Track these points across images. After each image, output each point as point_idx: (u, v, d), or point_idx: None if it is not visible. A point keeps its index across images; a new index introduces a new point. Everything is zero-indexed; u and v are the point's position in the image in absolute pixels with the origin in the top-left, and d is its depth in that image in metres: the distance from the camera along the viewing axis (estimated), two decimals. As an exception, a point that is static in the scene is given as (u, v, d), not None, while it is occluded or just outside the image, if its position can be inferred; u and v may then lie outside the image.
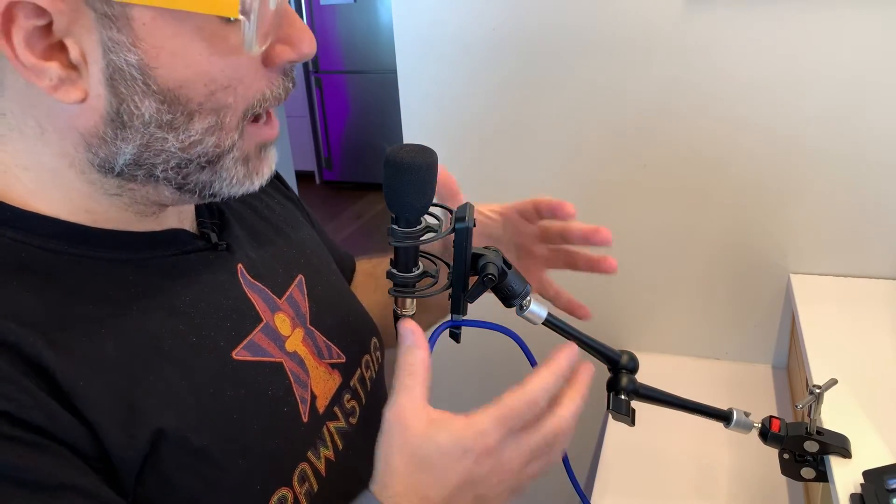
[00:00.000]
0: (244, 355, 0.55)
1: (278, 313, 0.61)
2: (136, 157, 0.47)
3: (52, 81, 0.43)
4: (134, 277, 0.52)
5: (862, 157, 1.02)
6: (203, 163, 0.49)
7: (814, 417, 0.69)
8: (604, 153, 1.13)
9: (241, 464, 0.51)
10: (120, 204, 0.51)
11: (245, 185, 0.53)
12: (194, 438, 0.49)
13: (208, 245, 0.59)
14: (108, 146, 0.47)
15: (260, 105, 0.50)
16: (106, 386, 0.45)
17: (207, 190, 0.51)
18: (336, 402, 0.63)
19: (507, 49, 1.11)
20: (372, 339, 0.73)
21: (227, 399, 0.52)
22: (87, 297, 0.48)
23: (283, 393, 0.57)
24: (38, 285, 0.46)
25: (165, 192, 0.51)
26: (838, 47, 0.97)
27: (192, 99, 0.46)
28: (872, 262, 1.07)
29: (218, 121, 0.48)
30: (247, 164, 0.52)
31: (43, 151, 0.48)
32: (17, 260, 0.47)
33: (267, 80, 0.50)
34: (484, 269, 0.59)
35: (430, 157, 0.54)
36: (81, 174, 0.49)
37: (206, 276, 0.57)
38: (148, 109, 0.45)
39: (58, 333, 0.45)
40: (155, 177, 0.49)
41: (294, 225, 0.72)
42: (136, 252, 0.53)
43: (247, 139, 0.51)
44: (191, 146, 0.48)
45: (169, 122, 0.46)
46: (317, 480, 0.57)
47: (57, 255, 0.48)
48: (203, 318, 0.54)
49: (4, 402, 0.40)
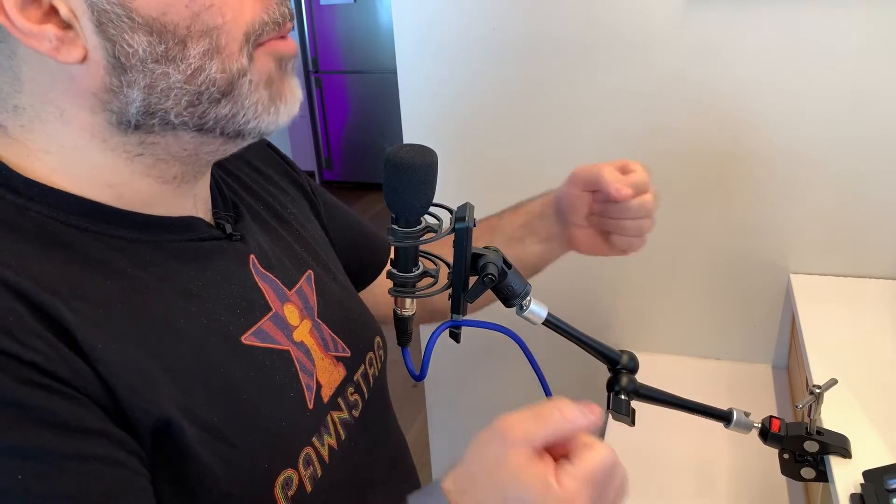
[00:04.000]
0: (252, 341, 0.57)
1: (287, 304, 0.62)
2: (146, 102, 0.49)
3: (51, 43, 0.46)
4: (150, 257, 0.53)
5: (862, 156, 1.02)
6: (215, 94, 0.50)
7: (814, 417, 0.69)
8: (604, 153, 1.13)
9: (248, 442, 0.52)
10: (142, 167, 0.53)
11: (272, 115, 0.53)
12: (204, 414, 0.50)
13: (223, 235, 0.60)
14: (118, 97, 0.49)
15: (262, 29, 0.51)
16: (122, 353, 0.47)
17: (231, 125, 0.52)
18: (340, 394, 0.64)
19: (507, 49, 1.11)
20: (376, 338, 0.73)
21: (235, 380, 0.53)
22: (105, 272, 0.50)
23: (290, 379, 0.58)
24: (62, 257, 0.48)
25: (186, 137, 0.52)
26: (838, 47, 0.97)
27: (178, 24, 0.47)
28: (872, 262, 1.07)
29: (213, 43, 0.49)
30: (270, 86, 0.53)
31: (64, 132, 0.50)
32: (44, 232, 0.49)
33: (262, 5, 0.51)
34: (484, 269, 0.59)
35: (430, 156, 0.55)
36: (103, 142, 0.51)
37: (219, 264, 0.58)
38: (140, 44, 0.47)
39: (78, 302, 0.46)
40: (171, 123, 0.50)
41: (304, 222, 0.73)
42: (154, 234, 0.54)
43: (260, 60, 0.52)
44: (193, 75, 0.49)
45: (164, 53, 0.48)
46: (321, 466, 0.58)
47: (80, 230, 0.50)
48: (214, 302, 0.55)
49: (32, 353, 0.42)
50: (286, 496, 0.54)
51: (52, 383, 0.42)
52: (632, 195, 0.72)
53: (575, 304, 1.16)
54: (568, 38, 1.08)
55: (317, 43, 4.51)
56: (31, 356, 0.42)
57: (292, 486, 0.55)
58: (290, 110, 0.54)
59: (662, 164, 1.11)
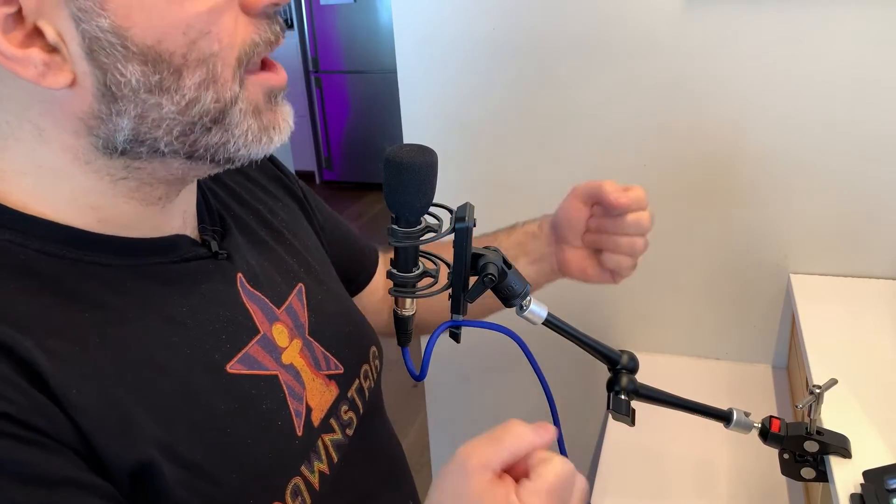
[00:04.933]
0: (238, 368, 0.55)
1: (276, 324, 0.60)
2: (135, 131, 0.47)
3: (37, 69, 0.43)
4: (131, 284, 0.51)
5: (862, 156, 1.02)
6: (208, 123, 0.48)
7: (814, 417, 0.69)
8: (603, 153, 1.13)
9: (234, 478, 0.51)
10: (126, 190, 0.51)
11: (263, 143, 0.52)
12: (186, 452, 0.48)
13: (209, 253, 0.58)
14: (106, 124, 0.46)
15: (253, 51, 0.49)
16: (98, 395, 0.45)
17: (221, 153, 0.50)
18: (332, 414, 0.62)
19: (507, 49, 1.11)
20: (371, 347, 0.72)
21: (220, 413, 0.52)
22: (82, 302, 0.48)
23: (277, 406, 0.57)
24: (35, 289, 0.46)
25: (174, 164, 0.50)
26: (838, 47, 0.97)
27: (174, 52, 0.45)
28: (872, 262, 1.07)
29: (209, 72, 0.47)
30: (258, 116, 0.51)
31: (42, 152, 0.47)
32: (15, 262, 0.46)
33: (253, 26, 0.49)
34: (484, 269, 0.59)
35: (430, 156, 0.54)
36: (86, 165, 0.48)
37: (205, 286, 0.56)
38: (133, 74, 0.45)
39: (51, 340, 0.44)
40: (160, 151, 0.48)
41: (296, 231, 0.71)
42: (136, 258, 0.52)
43: (251, 90, 0.50)
44: (188, 106, 0.47)
45: (158, 83, 0.46)
46: (310, 495, 0.57)
47: (55, 258, 0.48)
48: (199, 328, 0.54)
49: (5, 403, 0.40)
50: None
51: (25, 433, 0.41)
52: (629, 205, 0.72)
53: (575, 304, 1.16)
54: (568, 38, 1.08)
55: (317, 43, 4.51)
56: (3, 406, 0.40)
57: None
58: (282, 138, 0.53)
59: (662, 163, 1.11)
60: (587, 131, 1.12)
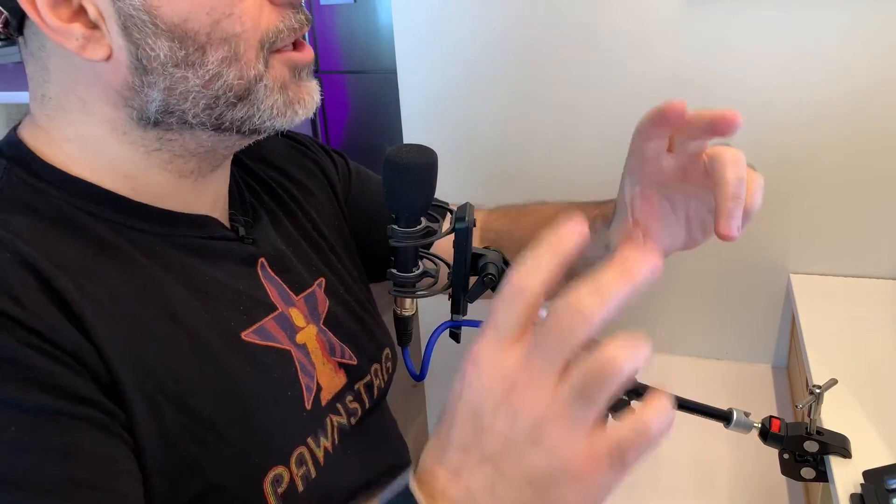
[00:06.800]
0: (252, 338, 0.57)
1: (292, 308, 0.62)
2: (165, 102, 0.51)
3: (78, 41, 0.48)
4: (160, 249, 0.54)
5: (862, 156, 1.02)
6: (232, 98, 0.52)
7: (814, 417, 0.69)
8: (604, 152, 1.13)
9: (241, 435, 0.53)
10: (160, 162, 0.54)
11: (288, 116, 0.55)
12: (194, 403, 0.50)
13: (235, 237, 0.61)
14: (139, 95, 0.51)
15: (276, 36, 0.52)
16: (121, 334, 0.48)
17: (247, 125, 0.53)
18: (339, 400, 0.64)
19: (507, 49, 1.11)
20: (385, 350, 0.73)
21: (231, 372, 0.54)
22: (115, 257, 0.52)
23: (289, 378, 0.59)
24: (75, 238, 0.50)
25: (203, 136, 0.54)
26: (839, 46, 0.97)
27: (198, 31, 0.49)
28: (872, 262, 1.07)
29: (231, 51, 0.50)
30: (285, 91, 0.54)
31: (85, 122, 0.52)
32: (60, 215, 0.51)
33: (278, 14, 0.52)
34: (484, 269, 0.59)
35: (430, 156, 0.55)
36: (123, 135, 0.52)
37: (228, 263, 0.59)
38: (162, 49, 0.49)
39: (85, 280, 0.48)
40: (188, 123, 0.52)
41: (322, 227, 0.72)
42: (167, 228, 0.56)
43: (276, 68, 0.53)
44: (211, 81, 0.50)
45: (184, 58, 0.49)
46: (315, 467, 0.58)
47: (94, 217, 0.52)
48: (218, 298, 0.56)
49: (37, 320, 0.44)
50: (276, 493, 0.54)
51: (52, 350, 0.44)
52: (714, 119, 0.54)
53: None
54: (568, 37, 1.08)
55: (317, 43, 4.49)
56: (34, 323, 0.43)
57: (282, 484, 0.55)
58: (308, 112, 0.56)
59: (662, 164, 1.11)
60: (587, 131, 1.12)
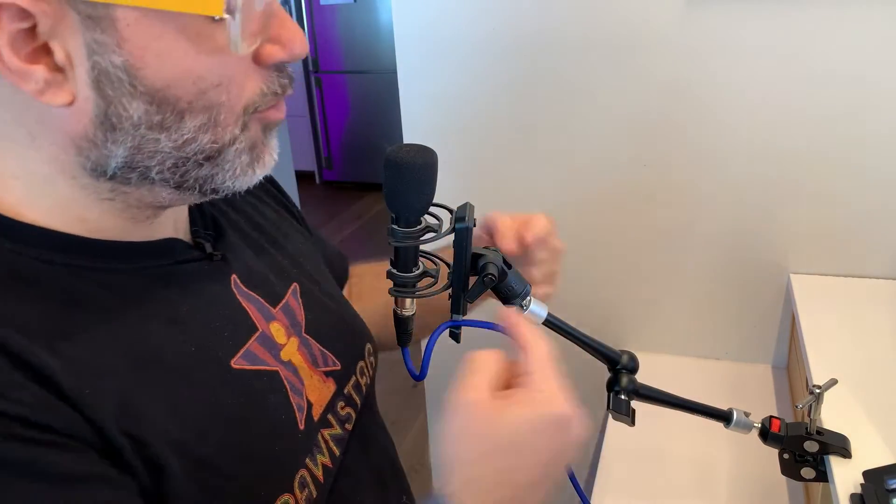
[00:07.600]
0: (242, 364, 0.55)
1: (273, 322, 0.61)
2: (129, 159, 0.47)
3: (38, 85, 0.43)
4: (130, 286, 0.51)
5: (862, 156, 1.02)
6: (201, 159, 0.49)
7: (814, 417, 0.69)
8: (604, 153, 1.13)
9: (244, 471, 0.51)
10: (113, 209, 0.51)
11: (248, 176, 0.52)
12: (196, 448, 0.49)
13: (203, 255, 0.58)
14: (99, 149, 0.46)
15: (259, 100, 0.50)
16: (110, 393, 0.45)
17: (209, 184, 0.50)
18: (330, 410, 0.63)
19: (507, 49, 1.11)
20: (366, 345, 0.73)
21: (227, 407, 0.52)
22: (83, 306, 0.48)
23: (281, 401, 0.58)
24: (36, 296, 0.46)
25: (163, 192, 0.50)
26: (838, 47, 0.97)
27: (181, 98, 0.45)
28: (872, 262, 1.07)
29: (211, 118, 0.47)
30: (252, 151, 0.51)
31: (34, 158, 0.47)
32: (12, 270, 0.46)
33: (262, 78, 0.50)
34: (484, 269, 0.59)
35: (430, 156, 0.54)
36: (73, 179, 0.48)
37: (202, 286, 0.56)
38: (136, 111, 0.45)
39: (59, 343, 0.44)
40: (150, 178, 0.48)
41: (287, 232, 0.72)
42: (131, 262, 0.52)
43: (252, 129, 0.51)
44: (185, 144, 0.47)
45: (159, 122, 0.46)
46: (315, 487, 0.58)
47: (51, 265, 0.48)
48: (201, 327, 0.54)
49: (18, 406, 0.40)
50: None
51: (40, 435, 0.41)
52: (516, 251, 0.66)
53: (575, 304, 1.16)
54: (568, 38, 1.08)
55: (317, 43, 4.51)
56: (17, 410, 0.40)
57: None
58: (265, 171, 0.53)
59: (662, 163, 1.11)
60: (587, 131, 1.13)
